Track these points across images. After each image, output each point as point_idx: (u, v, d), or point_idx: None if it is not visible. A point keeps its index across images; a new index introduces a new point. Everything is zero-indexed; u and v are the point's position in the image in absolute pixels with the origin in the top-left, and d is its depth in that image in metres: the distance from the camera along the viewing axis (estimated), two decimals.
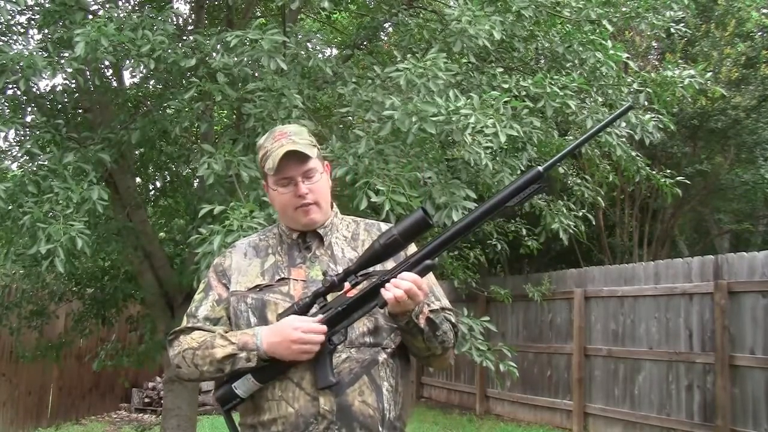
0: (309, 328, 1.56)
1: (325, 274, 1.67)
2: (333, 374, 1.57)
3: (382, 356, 1.65)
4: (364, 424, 1.59)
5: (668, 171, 5.03)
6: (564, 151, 1.66)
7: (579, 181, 5.31)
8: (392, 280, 1.57)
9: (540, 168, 1.55)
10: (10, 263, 3.65)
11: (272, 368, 1.60)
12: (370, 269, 1.63)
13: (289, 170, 1.68)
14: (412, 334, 1.65)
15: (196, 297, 1.78)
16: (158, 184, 5.37)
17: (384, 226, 1.82)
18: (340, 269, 1.67)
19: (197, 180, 4.84)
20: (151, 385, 9.28)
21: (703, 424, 6.17)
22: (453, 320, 1.74)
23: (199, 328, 1.71)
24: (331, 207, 1.80)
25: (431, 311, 1.65)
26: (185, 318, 1.77)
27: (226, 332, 1.67)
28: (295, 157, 1.67)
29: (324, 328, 1.57)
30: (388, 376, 1.65)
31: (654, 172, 4.89)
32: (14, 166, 4.20)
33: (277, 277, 1.69)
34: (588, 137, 1.71)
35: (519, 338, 8.52)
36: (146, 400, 9.21)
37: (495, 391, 8.81)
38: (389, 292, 1.55)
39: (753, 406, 5.78)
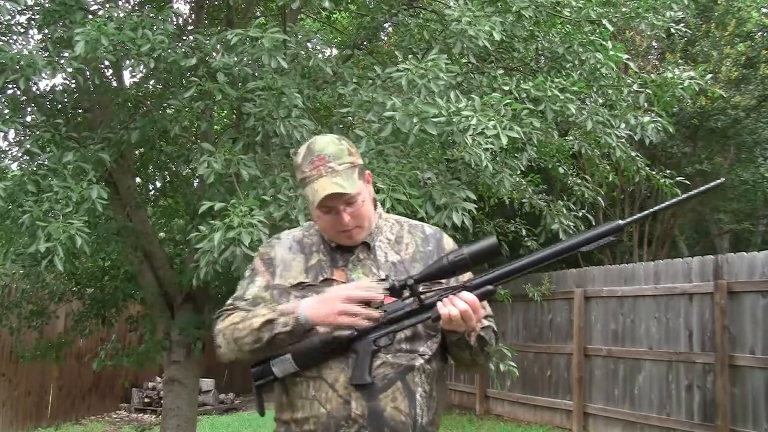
0: (362, 295, 1.56)
1: (387, 278, 1.66)
2: (370, 375, 1.57)
3: (419, 362, 1.64)
4: (395, 429, 1.59)
5: (668, 171, 5.03)
6: (646, 212, 1.79)
7: (579, 181, 5.31)
8: (450, 298, 1.57)
9: (620, 222, 1.62)
10: (9, 263, 3.65)
11: (313, 355, 1.60)
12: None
13: (330, 202, 1.64)
14: (460, 347, 1.66)
15: (242, 283, 1.77)
16: (158, 184, 5.37)
17: (428, 229, 1.81)
18: (383, 274, 1.67)
19: (197, 180, 4.84)
20: (150, 385, 9.29)
21: (702, 424, 6.17)
22: (495, 328, 1.75)
23: (242, 309, 1.70)
24: (375, 207, 1.78)
25: (482, 328, 1.66)
26: (231, 300, 1.76)
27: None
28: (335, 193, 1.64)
29: (374, 315, 1.57)
30: (422, 381, 1.64)
31: (654, 172, 4.89)
32: (14, 166, 4.20)
33: (321, 278, 1.68)
34: (671, 204, 1.80)
35: (519, 338, 8.52)
36: (146, 400, 9.21)
37: (495, 391, 8.80)
38: (445, 308, 1.56)
39: (753, 406, 5.78)
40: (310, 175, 1.66)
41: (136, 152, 4.76)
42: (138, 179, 5.03)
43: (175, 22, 3.98)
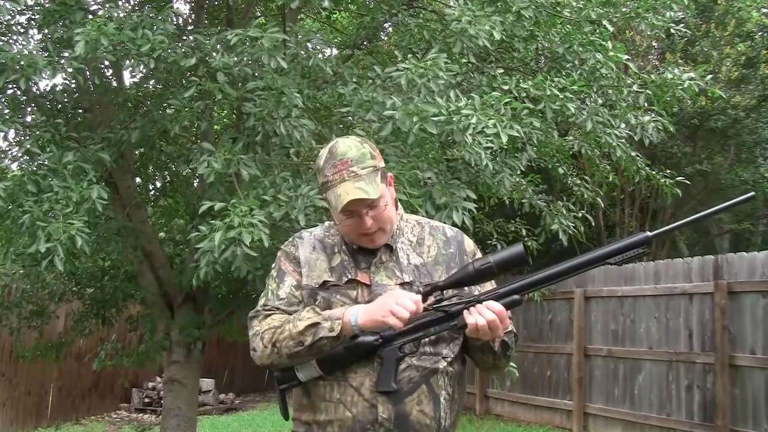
0: (413, 296, 1.56)
1: (411, 283, 1.66)
2: (396, 381, 1.57)
3: (442, 365, 1.65)
4: None
5: (668, 171, 5.03)
6: (675, 224, 1.77)
7: (579, 181, 5.31)
8: (478, 307, 1.57)
9: (648, 233, 1.61)
10: (9, 263, 3.65)
11: (339, 360, 1.60)
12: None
13: (352, 206, 1.63)
14: (484, 352, 1.67)
15: (270, 283, 1.74)
16: (158, 184, 5.36)
17: (449, 231, 1.81)
18: (406, 277, 1.67)
19: (197, 179, 4.84)
20: (150, 385, 9.29)
21: (702, 424, 6.17)
22: (515, 330, 1.76)
23: (280, 309, 1.68)
24: (396, 208, 1.77)
25: (505, 333, 1.66)
26: (262, 301, 1.73)
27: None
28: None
29: (420, 305, 1.57)
30: (446, 384, 1.65)
31: (654, 172, 4.89)
32: (14, 166, 4.20)
33: (345, 279, 1.68)
34: (702, 216, 1.73)
35: (519, 338, 8.49)
36: (146, 400, 9.21)
37: (495, 391, 8.81)
38: (472, 317, 1.56)
39: (753, 406, 5.78)
40: (333, 179, 1.65)
41: (136, 152, 4.76)
42: (138, 179, 5.02)
43: (175, 22, 3.98)
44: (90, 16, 3.66)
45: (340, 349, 1.59)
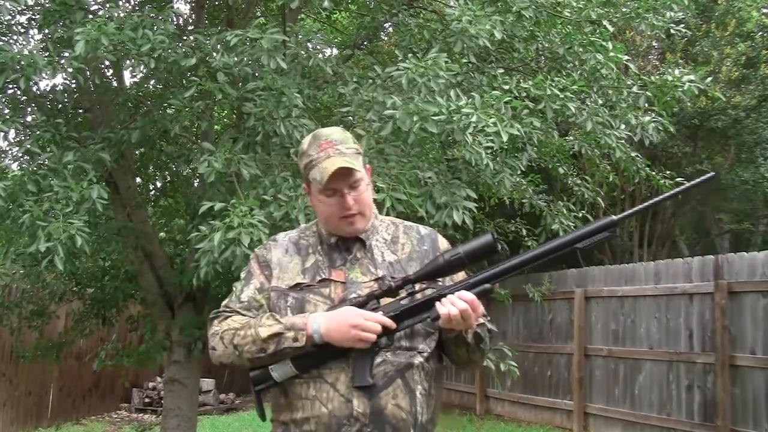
0: (372, 317, 1.57)
1: (383, 278, 1.66)
2: (371, 375, 1.58)
3: (418, 360, 1.65)
4: (396, 427, 1.59)
5: (668, 171, 5.03)
6: (641, 206, 1.80)
7: (579, 181, 5.31)
8: (449, 297, 1.57)
9: (614, 217, 1.61)
10: (9, 263, 3.65)
11: (313, 358, 1.60)
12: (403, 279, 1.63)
13: (336, 182, 1.65)
14: (457, 344, 1.67)
15: (237, 285, 1.77)
16: (158, 184, 5.37)
17: (423, 229, 1.82)
18: (380, 273, 1.68)
19: (197, 179, 4.84)
20: (151, 385, 9.29)
21: (703, 424, 6.17)
22: (489, 326, 1.76)
23: (239, 313, 1.70)
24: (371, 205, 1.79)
25: (478, 325, 1.66)
26: (226, 302, 1.76)
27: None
28: (343, 170, 1.65)
29: (387, 321, 1.58)
30: (421, 379, 1.65)
31: (654, 173, 4.89)
32: (14, 166, 4.20)
33: (318, 278, 1.68)
34: (666, 197, 1.76)
35: (519, 338, 8.52)
36: (146, 400, 9.21)
37: (495, 391, 8.81)
38: (444, 307, 1.56)
39: (753, 406, 5.78)
40: (318, 157, 1.67)
41: (137, 152, 4.76)
42: (138, 179, 5.03)
43: (175, 22, 3.98)
44: (90, 16, 3.66)
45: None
